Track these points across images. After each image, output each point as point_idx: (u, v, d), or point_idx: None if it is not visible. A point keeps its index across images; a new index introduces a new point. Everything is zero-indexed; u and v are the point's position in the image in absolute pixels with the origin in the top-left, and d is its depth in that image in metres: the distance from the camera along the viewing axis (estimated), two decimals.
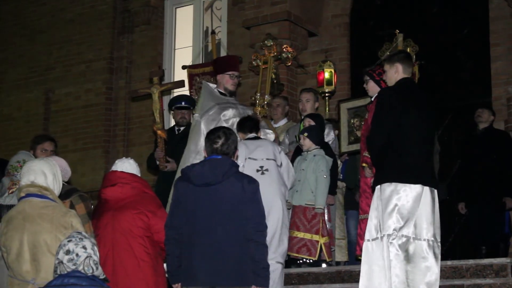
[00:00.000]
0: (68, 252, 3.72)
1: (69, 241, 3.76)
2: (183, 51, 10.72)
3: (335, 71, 8.59)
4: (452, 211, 7.93)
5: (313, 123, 6.81)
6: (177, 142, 7.30)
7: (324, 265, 6.42)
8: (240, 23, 9.64)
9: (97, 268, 3.76)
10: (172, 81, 9.94)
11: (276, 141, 6.71)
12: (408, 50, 7.32)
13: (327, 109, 8.53)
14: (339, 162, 7.23)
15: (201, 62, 9.89)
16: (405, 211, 5.07)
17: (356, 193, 7.07)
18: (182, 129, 7.53)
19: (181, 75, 9.62)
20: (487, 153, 7.64)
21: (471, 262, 5.76)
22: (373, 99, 6.17)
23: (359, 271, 5.87)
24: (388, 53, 7.25)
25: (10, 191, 5.84)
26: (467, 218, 7.92)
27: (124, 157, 5.54)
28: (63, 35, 11.18)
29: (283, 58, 7.68)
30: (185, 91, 8.83)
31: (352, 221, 7.28)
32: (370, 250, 5.18)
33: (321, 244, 6.35)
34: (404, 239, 5.06)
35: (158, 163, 7.32)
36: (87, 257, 3.73)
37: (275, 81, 7.74)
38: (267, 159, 6.09)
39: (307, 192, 6.42)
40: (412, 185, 5.09)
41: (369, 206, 5.50)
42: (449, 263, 5.81)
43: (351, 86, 9.32)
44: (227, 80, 6.75)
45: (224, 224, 4.53)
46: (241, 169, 5.72)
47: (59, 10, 11.33)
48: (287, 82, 9.09)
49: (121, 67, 10.81)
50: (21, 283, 4.33)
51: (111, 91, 10.79)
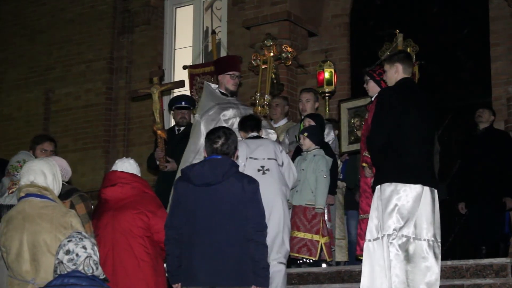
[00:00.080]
0: (68, 252, 3.72)
1: (69, 241, 3.76)
2: (183, 51, 10.71)
3: (335, 71, 8.59)
4: (452, 211, 7.93)
5: (313, 123, 6.80)
6: (177, 142, 7.30)
7: (324, 265, 6.41)
8: (240, 23, 9.64)
9: (97, 268, 3.75)
10: (172, 81, 9.94)
11: (277, 141, 6.70)
12: (408, 50, 7.33)
13: (327, 109, 8.53)
14: (339, 162, 7.24)
15: (201, 62, 9.89)
16: (405, 211, 5.06)
17: (356, 193, 7.07)
18: (182, 129, 7.53)
19: (181, 75, 9.61)
20: (487, 153, 7.64)
21: (471, 262, 5.76)
22: (373, 99, 6.17)
23: (359, 271, 5.88)
24: (388, 53, 7.25)
25: (10, 191, 5.83)
26: (467, 218, 7.92)
27: (124, 157, 5.54)
28: (63, 35, 11.17)
29: (283, 58, 7.68)
30: (185, 91, 8.82)
31: (352, 221, 7.28)
32: (371, 250, 5.17)
33: (321, 244, 6.35)
34: (404, 239, 5.06)
35: (158, 163, 7.32)
36: (87, 257, 3.73)
37: (275, 81, 7.74)
38: (268, 159, 6.08)
39: (307, 192, 6.42)
40: (412, 185, 5.09)
41: (369, 206, 5.49)
42: (449, 263, 5.80)
43: (351, 86, 9.32)
44: (228, 80, 6.74)
45: (224, 224, 4.53)
46: (242, 169, 5.73)
47: (59, 10, 11.32)
48: (287, 82, 9.09)
49: (121, 67, 10.80)
50: (20, 283, 4.32)
51: (111, 91, 10.78)
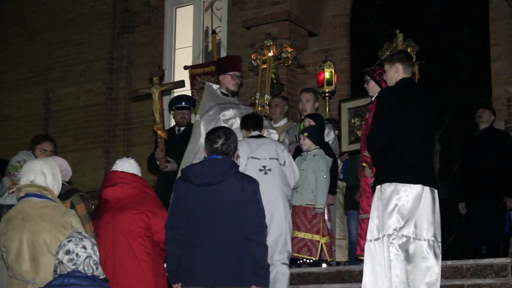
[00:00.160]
0: (68, 252, 3.72)
1: (69, 241, 3.76)
2: (183, 51, 10.71)
3: (335, 71, 8.60)
4: (452, 211, 7.92)
5: (313, 123, 6.80)
6: (177, 142, 7.30)
7: (324, 265, 6.41)
8: (240, 23, 9.63)
9: (97, 268, 3.75)
10: (172, 81, 9.94)
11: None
12: (408, 50, 7.33)
13: (327, 109, 8.53)
14: (339, 161, 7.23)
15: (201, 62, 9.89)
16: (405, 211, 5.06)
17: (356, 193, 7.07)
18: (182, 129, 7.53)
19: (181, 75, 9.62)
20: (487, 153, 7.64)
21: (471, 262, 5.76)
22: (373, 99, 6.17)
23: (359, 271, 5.88)
24: (388, 53, 7.25)
25: (10, 191, 5.83)
26: (467, 218, 7.92)
27: (124, 157, 5.54)
28: (63, 35, 11.17)
29: (283, 58, 7.68)
30: (185, 91, 8.82)
31: (352, 221, 7.27)
32: (372, 250, 5.17)
33: (322, 244, 6.35)
34: (404, 239, 5.06)
35: (158, 163, 7.32)
36: (87, 257, 3.73)
37: (275, 81, 7.74)
38: (270, 158, 6.05)
39: (307, 192, 6.42)
40: (412, 185, 5.09)
41: (369, 205, 5.49)
42: (449, 263, 5.80)
43: (351, 86, 9.32)
44: (228, 80, 6.73)
45: (224, 224, 4.53)
46: (243, 168, 5.73)
47: (59, 10, 11.32)
48: (287, 82, 9.09)
49: (121, 67, 10.80)
50: (20, 283, 4.32)
51: (111, 91, 10.78)
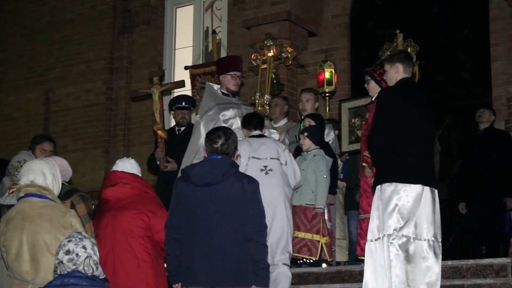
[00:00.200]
0: (68, 252, 3.72)
1: (69, 241, 3.76)
2: (183, 51, 10.71)
3: (335, 71, 8.60)
4: (452, 211, 7.92)
5: (313, 123, 6.79)
6: (177, 142, 7.30)
7: (324, 265, 6.41)
8: (240, 23, 9.63)
9: (97, 268, 3.75)
10: (172, 81, 9.94)
11: None
12: (408, 50, 7.33)
13: (327, 109, 8.53)
14: (339, 161, 7.23)
15: (201, 62, 9.90)
16: (405, 211, 5.06)
17: (356, 193, 7.07)
18: (182, 129, 7.53)
19: (181, 75, 9.62)
20: (487, 153, 7.64)
21: (471, 262, 5.75)
22: (373, 99, 6.17)
23: (359, 271, 5.88)
24: (388, 53, 7.25)
25: (10, 191, 5.83)
26: (468, 218, 7.92)
27: (125, 157, 5.54)
28: (63, 35, 11.17)
29: (283, 58, 7.68)
30: (185, 91, 8.82)
31: (353, 221, 7.27)
32: (373, 250, 5.17)
33: (322, 244, 6.35)
34: (404, 239, 5.06)
35: (158, 163, 7.32)
36: (87, 257, 3.73)
37: (275, 81, 7.74)
38: (271, 158, 6.02)
39: (307, 192, 6.41)
40: (412, 185, 5.08)
41: (369, 205, 5.49)
42: (449, 263, 5.80)
43: (351, 86, 9.32)
44: (229, 80, 6.73)
45: (224, 224, 4.53)
46: (244, 168, 5.73)
47: (59, 10, 11.32)
48: (287, 82, 9.09)
49: (121, 67, 10.80)
50: (20, 283, 4.32)
51: (111, 91, 10.78)
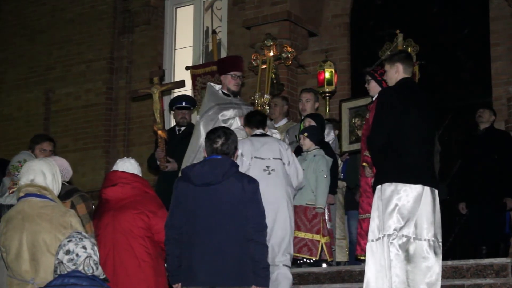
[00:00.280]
0: (68, 252, 3.72)
1: (69, 241, 3.76)
2: (183, 51, 10.71)
3: (335, 71, 8.59)
4: (452, 211, 7.92)
5: (313, 123, 6.79)
6: (177, 142, 7.30)
7: (324, 265, 6.41)
8: (240, 23, 9.63)
9: (97, 268, 3.75)
10: (172, 81, 9.93)
11: None
12: (408, 50, 7.32)
13: (328, 109, 8.52)
14: (339, 161, 7.23)
15: (201, 62, 9.90)
16: (405, 211, 5.06)
17: (356, 193, 7.07)
18: (182, 129, 7.53)
19: (181, 75, 9.62)
20: (487, 153, 7.64)
21: (472, 262, 5.75)
22: (374, 99, 6.17)
23: (359, 271, 5.88)
24: (388, 53, 7.25)
25: (10, 191, 5.83)
26: (468, 218, 7.92)
27: (125, 157, 5.53)
28: (63, 35, 11.17)
29: (283, 58, 7.67)
30: (185, 91, 8.82)
31: (353, 222, 7.26)
32: (374, 250, 5.17)
33: (322, 243, 6.35)
34: (404, 239, 5.06)
35: (158, 163, 7.32)
36: (87, 257, 3.73)
37: (275, 81, 7.73)
38: (274, 158, 6.00)
39: (307, 192, 6.41)
40: (412, 185, 5.08)
41: (370, 205, 5.49)
42: (449, 263, 5.80)
43: (351, 86, 9.32)
44: (229, 80, 6.73)
45: (224, 224, 4.53)
46: (247, 167, 5.73)
47: (59, 10, 11.32)
48: (287, 82, 9.09)
49: (121, 67, 10.80)
50: (20, 283, 4.32)
51: (111, 91, 10.78)
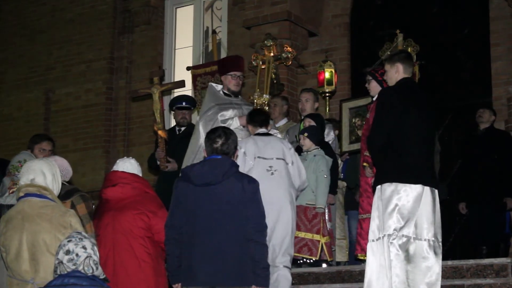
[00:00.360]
0: (68, 252, 3.72)
1: (69, 241, 3.76)
2: (183, 51, 10.71)
3: (335, 71, 8.60)
4: (452, 211, 7.92)
5: (313, 123, 6.79)
6: (177, 142, 7.30)
7: (324, 265, 6.41)
8: (240, 23, 9.63)
9: (97, 268, 3.75)
10: (172, 81, 9.94)
11: None
12: (408, 50, 7.32)
13: (328, 109, 8.52)
14: (339, 161, 7.23)
15: (201, 62, 9.90)
16: (405, 211, 5.06)
17: (356, 193, 7.07)
18: (183, 129, 7.53)
19: (181, 75, 9.62)
20: (487, 153, 7.64)
21: (472, 262, 5.75)
22: (374, 99, 6.17)
23: (359, 271, 5.88)
24: (388, 53, 7.25)
25: (10, 191, 5.84)
26: (468, 218, 7.91)
27: (125, 157, 5.52)
28: (63, 35, 11.17)
29: (283, 58, 7.67)
30: (185, 91, 8.82)
31: (353, 222, 7.26)
32: (375, 250, 5.17)
33: (322, 243, 6.35)
34: (404, 239, 5.06)
35: (159, 163, 7.32)
36: (87, 257, 3.73)
37: (275, 81, 7.73)
38: (277, 159, 5.99)
39: (307, 192, 6.41)
40: (412, 185, 5.08)
41: (370, 205, 5.49)
42: (449, 263, 5.80)
43: (351, 86, 9.31)
44: (229, 80, 6.72)
45: (224, 224, 4.53)
46: (249, 167, 5.72)
47: (59, 10, 11.32)
48: (288, 82, 9.09)
49: (121, 67, 10.80)
50: (20, 283, 4.32)
51: (111, 91, 10.77)
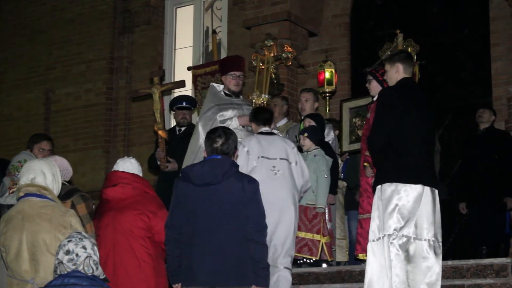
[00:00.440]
0: (68, 252, 3.72)
1: (69, 241, 3.76)
2: (183, 51, 10.71)
3: (335, 71, 8.60)
4: (452, 211, 7.92)
5: (313, 123, 6.79)
6: (178, 142, 7.30)
7: (324, 265, 6.41)
8: (240, 23, 9.63)
9: (97, 268, 3.75)
10: (172, 81, 9.94)
11: None
12: (408, 50, 7.32)
13: (328, 109, 8.52)
14: (340, 161, 7.23)
15: (201, 62, 9.90)
16: (405, 211, 5.06)
17: (356, 193, 7.07)
18: (183, 129, 7.53)
19: (181, 75, 9.62)
20: (487, 153, 7.64)
21: (472, 262, 5.75)
22: (374, 99, 6.17)
23: (359, 271, 5.88)
24: (388, 53, 7.25)
25: (10, 191, 5.83)
26: (468, 218, 7.92)
27: (126, 157, 5.51)
28: (63, 35, 11.17)
29: (284, 58, 7.67)
30: (185, 91, 8.82)
31: (353, 222, 7.26)
32: (375, 250, 5.17)
33: (322, 243, 6.35)
34: (404, 239, 5.06)
35: (159, 163, 7.32)
36: (87, 257, 3.73)
37: (275, 81, 7.73)
38: (280, 159, 6.00)
39: (308, 192, 6.41)
40: (412, 185, 5.08)
41: (370, 205, 5.49)
42: (449, 263, 5.80)
43: (351, 86, 9.32)
44: (229, 80, 6.72)
45: (224, 224, 4.53)
46: (251, 166, 5.72)
47: (59, 10, 11.32)
48: (288, 82, 9.09)
49: (121, 67, 10.80)
50: (20, 283, 4.32)
51: (111, 91, 10.78)
